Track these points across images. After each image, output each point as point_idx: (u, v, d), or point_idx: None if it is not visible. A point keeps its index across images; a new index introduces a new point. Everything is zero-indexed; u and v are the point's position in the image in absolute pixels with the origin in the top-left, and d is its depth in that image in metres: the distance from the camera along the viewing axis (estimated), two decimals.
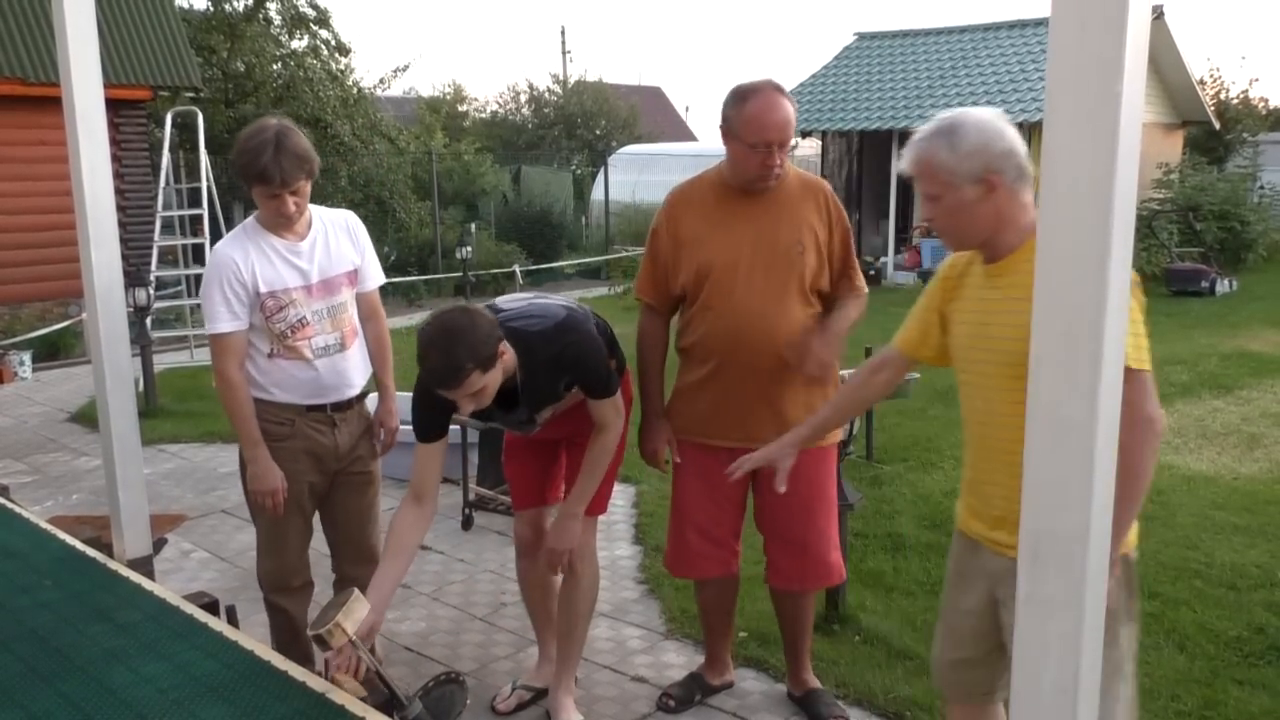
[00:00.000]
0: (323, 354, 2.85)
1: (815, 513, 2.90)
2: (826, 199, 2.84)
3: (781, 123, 2.66)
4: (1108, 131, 1.08)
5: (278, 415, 2.85)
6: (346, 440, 2.96)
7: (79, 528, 3.25)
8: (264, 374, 2.83)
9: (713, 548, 2.95)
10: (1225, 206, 14.18)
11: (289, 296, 2.79)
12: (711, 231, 2.80)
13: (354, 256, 2.95)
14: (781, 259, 2.75)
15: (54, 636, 2.26)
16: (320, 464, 2.93)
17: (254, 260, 2.76)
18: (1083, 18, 1.08)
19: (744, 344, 2.75)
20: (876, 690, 3.19)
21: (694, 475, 2.93)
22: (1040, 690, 1.22)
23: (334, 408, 2.91)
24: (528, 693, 3.18)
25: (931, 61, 16.94)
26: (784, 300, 2.75)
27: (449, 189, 16.92)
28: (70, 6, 2.56)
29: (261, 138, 2.65)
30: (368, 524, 3.10)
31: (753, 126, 2.66)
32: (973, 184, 1.94)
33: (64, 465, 6.04)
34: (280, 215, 2.74)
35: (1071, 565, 1.17)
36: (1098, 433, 1.13)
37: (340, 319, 2.90)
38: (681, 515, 2.98)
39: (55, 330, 9.40)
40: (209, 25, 16.45)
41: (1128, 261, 1.14)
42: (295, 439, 2.87)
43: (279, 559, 2.99)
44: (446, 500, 5.09)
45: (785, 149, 2.70)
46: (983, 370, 2.03)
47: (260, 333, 2.81)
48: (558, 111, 25.75)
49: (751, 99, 2.68)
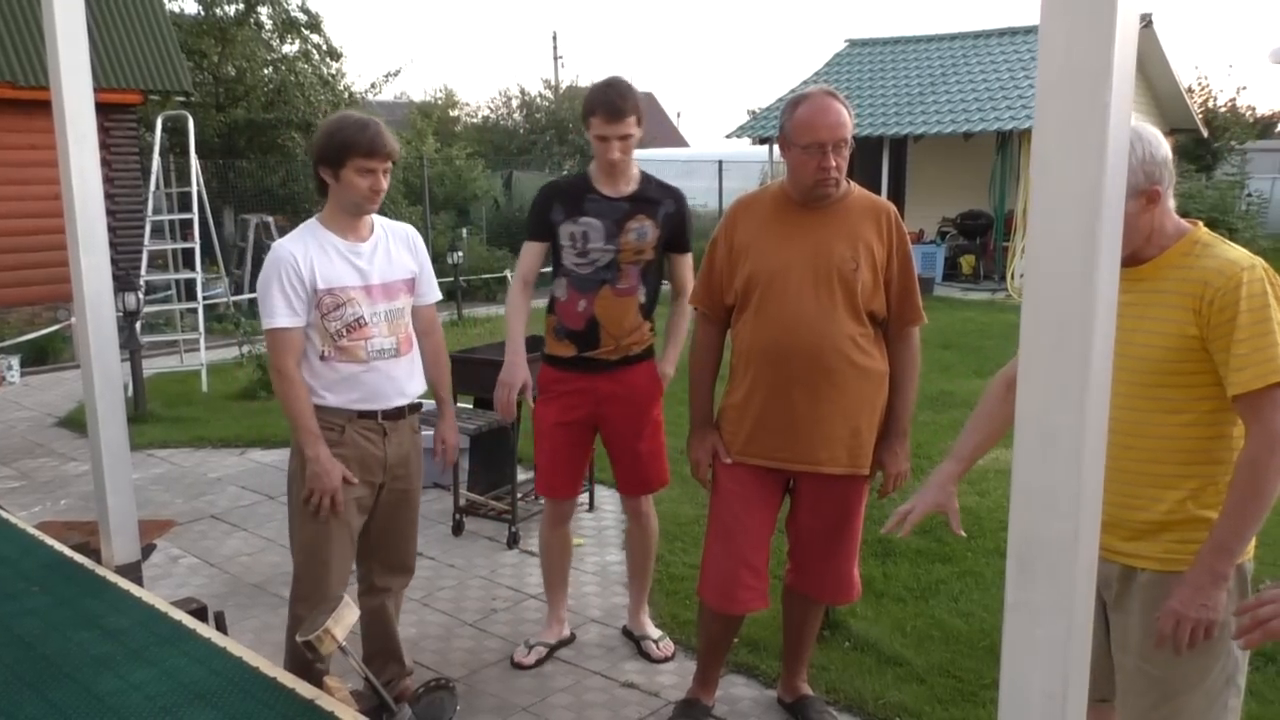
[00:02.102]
0: (378, 356, 2.81)
1: (845, 537, 2.92)
2: (889, 221, 2.78)
3: (834, 123, 2.64)
4: (1096, 140, 1.09)
5: (327, 421, 2.78)
6: (395, 452, 2.89)
7: (67, 533, 3.23)
8: (316, 376, 2.78)
9: (755, 579, 2.87)
10: (1214, 214, 14.30)
11: (346, 295, 2.76)
12: (766, 240, 2.77)
13: (412, 266, 2.93)
14: (835, 273, 2.70)
15: (41, 643, 2.24)
16: (368, 474, 2.85)
17: (313, 256, 2.74)
18: (1071, 27, 1.09)
19: (790, 354, 2.71)
20: (867, 696, 3.20)
21: (736, 497, 2.86)
22: (1028, 697, 1.22)
23: (385, 415, 2.85)
24: (544, 649, 3.52)
25: (922, 68, 17.00)
26: (833, 314, 2.69)
27: (440, 194, 16.90)
28: (60, 10, 2.55)
29: (359, 117, 2.75)
30: (406, 541, 3.04)
31: (804, 128, 2.66)
32: (1136, 196, 1.87)
33: (52, 470, 6.01)
34: (373, 191, 2.75)
35: (1059, 572, 1.17)
36: (1085, 440, 1.14)
37: (397, 324, 2.86)
38: (725, 543, 2.88)
39: (44, 335, 9.36)
40: (200, 29, 16.44)
41: (1115, 271, 1.15)
42: (344, 446, 2.80)
43: (319, 577, 2.83)
44: (437, 506, 5.09)
45: (841, 153, 2.66)
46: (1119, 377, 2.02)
47: (315, 332, 2.77)
48: (549, 116, 25.73)
49: (804, 104, 2.69)
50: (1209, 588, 1.83)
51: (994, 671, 1.26)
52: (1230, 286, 1.84)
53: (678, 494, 4.87)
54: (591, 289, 3.21)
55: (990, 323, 10.87)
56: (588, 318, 3.22)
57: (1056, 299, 1.13)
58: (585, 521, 4.92)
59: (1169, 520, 1.95)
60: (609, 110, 3.08)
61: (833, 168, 2.66)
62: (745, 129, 17.81)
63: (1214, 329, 1.85)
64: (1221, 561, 1.83)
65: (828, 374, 2.70)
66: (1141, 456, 1.94)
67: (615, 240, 3.19)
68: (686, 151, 25.24)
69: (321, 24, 18.31)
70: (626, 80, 3.13)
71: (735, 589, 2.86)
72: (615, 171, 3.19)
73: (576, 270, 3.22)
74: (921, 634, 3.62)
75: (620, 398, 3.27)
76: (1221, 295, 1.84)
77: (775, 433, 2.79)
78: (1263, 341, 1.80)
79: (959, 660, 3.41)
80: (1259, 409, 1.81)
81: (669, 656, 3.49)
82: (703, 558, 2.97)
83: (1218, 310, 1.84)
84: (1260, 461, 1.79)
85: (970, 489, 5.24)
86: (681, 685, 3.29)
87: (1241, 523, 1.82)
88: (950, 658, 3.44)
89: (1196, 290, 1.87)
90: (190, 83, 11.98)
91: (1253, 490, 1.80)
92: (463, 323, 11.42)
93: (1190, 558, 1.91)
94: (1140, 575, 1.99)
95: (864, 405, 2.77)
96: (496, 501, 4.95)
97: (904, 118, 15.71)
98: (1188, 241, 1.94)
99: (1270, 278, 1.87)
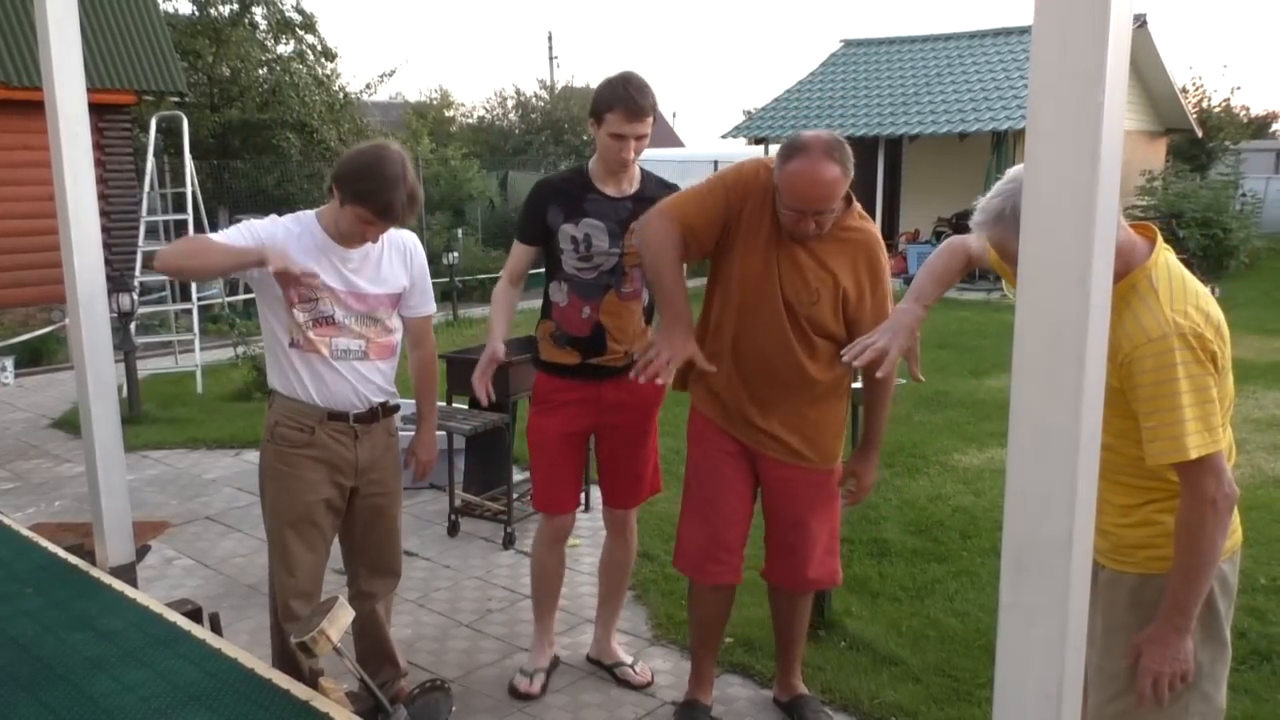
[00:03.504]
0: (343, 356, 2.78)
1: (806, 525, 2.91)
2: (870, 258, 2.72)
3: (821, 196, 2.53)
4: (1089, 141, 1.09)
5: (297, 420, 2.77)
6: (368, 455, 2.86)
7: (61, 535, 3.23)
8: (286, 364, 2.76)
9: (727, 554, 2.90)
10: (1208, 213, 14.31)
11: (322, 292, 2.73)
12: (755, 243, 2.71)
13: (403, 280, 2.87)
14: (796, 292, 2.70)
15: (35, 645, 2.24)
16: (338, 476, 2.83)
17: (299, 248, 2.68)
18: (1064, 28, 1.09)
19: (752, 374, 2.77)
20: (862, 696, 3.20)
21: (709, 473, 2.90)
22: (1024, 697, 1.22)
23: (357, 419, 2.82)
24: (543, 674, 3.33)
25: (917, 69, 17.04)
26: (793, 341, 2.72)
27: (435, 194, 16.89)
28: (53, 10, 2.55)
29: (393, 170, 2.61)
30: (390, 546, 3.01)
31: (790, 193, 2.56)
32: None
33: (46, 472, 5.99)
34: (364, 239, 2.73)
35: (1055, 572, 1.17)
36: (1081, 441, 1.14)
37: (369, 330, 2.81)
38: (699, 517, 2.92)
39: (38, 336, 9.33)
40: (194, 30, 16.42)
41: (1109, 270, 1.15)
42: (314, 447, 2.78)
43: (284, 572, 2.83)
44: (432, 506, 5.08)
45: (824, 217, 2.59)
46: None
47: (285, 318, 2.73)
48: (545, 117, 25.71)
49: (797, 159, 2.54)
50: (1176, 642, 1.90)
51: (989, 671, 1.26)
52: (1136, 356, 1.82)
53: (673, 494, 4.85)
54: (596, 295, 3.05)
55: (986, 322, 10.89)
56: (593, 324, 3.06)
57: (1050, 300, 1.14)
58: (581, 521, 4.92)
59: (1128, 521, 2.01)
60: (629, 108, 2.88)
61: (812, 230, 2.60)
62: (741, 129, 17.85)
63: (1129, 391, 1.86)
64: (1182, 618, 1.90)
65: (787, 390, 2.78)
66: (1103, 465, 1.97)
67: (620, 242, 3.02)
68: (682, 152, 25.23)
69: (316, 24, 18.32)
70: (642, 76, 2.96)
71: (706, 561, 2.91)
72: (621, 170, 3.04)
73: (579, 275, 3.04)
74: (917, 633, 3.63)
75: (627, 405, 3.13)
76: (1130, 363, 1.83)
77: (739, 424, 2.86)
78: (1168, 418, 1.79)
79: (954, 660, 3.42)
80: (1185, 474, 1.85)
81: (649, 681, 3.34)
82: (677, 531, 3.01)
83: (1126, 376, 1.84)
84: (1193, 525, 1.85)
85: (966, 489, 5.26)
86: (676, 685, 3.29)
87: (1189, 582, 1.88)
88: (946, 657, 3.44)
89: (1114, 345, 1.81)
90: (185, 83, 11.96)
91: (1194, 552, 1.85)
92: (458, 323, 11.41)
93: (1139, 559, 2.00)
94: (1102, 573, 2.06)
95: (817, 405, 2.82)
96: (492, 502, 4.95)
97: (899, 118, 15.74)
98: (1125, 285, 1.87)
99: (1186, 344, 1.81)
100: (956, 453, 5.91)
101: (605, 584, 3.45)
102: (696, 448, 2.95)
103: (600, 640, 3.48)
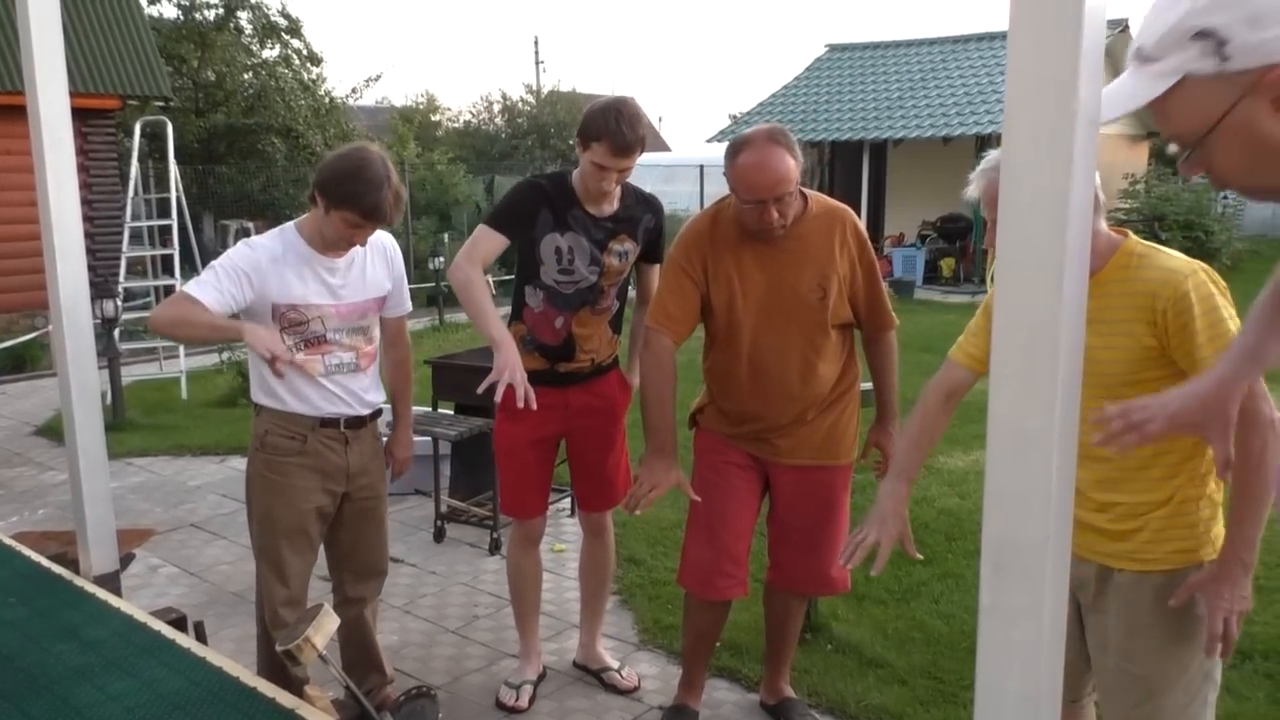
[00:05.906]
0: (336, 371, 2.79)
1: (827, 527, 2.91)
2: (850, 232, 2.74)
3: (773, 182, 2.54)
4: (1064, 147, 1.10)
5: (289, 429, 2.77)
6: (358, 460, 2.87)
7: (44, 543, 3.20)
8: (275, 382, 2.74)
9: (735, 568, 2.88)
10: (1190, 216, 14.42)
11: (313, 312, 2.73)
12: (735, 271, 2.72)
13: (386, 282, 2.88)
14: (802, 304, 2.70)
15: (18, 655, 2.22)
16: (329, 483, 2.83)
17: (284, 270, 2.68)
18: (1038, 34, 1.11)
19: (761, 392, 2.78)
20: (848, 698, 3.21)
21: (716, 487, 2.88)
22: (1004, 698, 1.23)
23: (347, 424, 2.83)
24: (530, 686, 3.29)
25: (902, 73, 17.11)
26: (804, 348, 2.73)
27: (422, 199, 16.87)
28: (35, 13, 2.54)
29: (377, 171, 2.61)
30: (377, 546, 3.02)
31: (743, 185, 2.58)
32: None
33: (30, 480, 5.95)
34: (351, 243, 2.73)
35: (1032, 574, 1.18)
36: (1056, 444, 1.15)
37: (358, 340, 2.83)
38: (706, 532, 2.89)
39: (21, 342, 9.27)
40: (179, 34, 16.38)
41: (1084, 275, 1.16)
42: (306, 455, 2.78)
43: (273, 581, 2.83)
44: (418, 512, 5.07)
45: (784, 202, 2.58)
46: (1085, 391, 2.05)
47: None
48: (531, 121, 25.71)
49: (744, 152, 2.57)
50: (1243, 579, 1.90)
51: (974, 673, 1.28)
52: (1179, 295, 1.88)
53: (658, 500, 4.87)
54: (571, 308, 3.04)
55: None
56: (565, 335, 3.07)
57: (1026, 304, 1.15)
58: (567, 526, 4.92)
59: (1146, 521, 1.99)
60: (616, 145, 2.79)
61: (775, 220, 2.59)
62: (727, 133, 17.88)
63: (1173, 336, 1.89)
64: (1249, 552, 1.89)
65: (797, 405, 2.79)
66: (1116, 460, 1.96)
67: (600, 263, 3.01)
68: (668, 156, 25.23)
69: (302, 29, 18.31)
70: (636, 105, 2.86)
71: (715, 577, 2.89)
72: (601, 198, 2.99)
73: (558, 288, 3.02)
74: (903, 636, 3.64)
75: (595, 409, 3.15)
76: (1173, 304, 1.89)
77: (751, 441, 2.86)
78: (1223, 341, 1.84)
79: (940, 661, 3.43)
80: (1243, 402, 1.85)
81: (636, 686, 3.34)
82: (683, 546, 2.99)
83: (1173, 318, 1.89)
84: (1256, 450, 1.85)
85: (951, 491, 5.28)
86: (663, 690, 3.30)
87: (1257, 512, 1.87)
88: (931, 659, 3.46)
89: (1146, 303, 1.91)
90: (169, 88, 11.92)
91: (1259, 482, 1.85)
92: (444, 328, 11.40)
93: (1164, 555, 1.97)
94: (1117, 575, 2.03)
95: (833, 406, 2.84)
96: (478, 508, 4.94)
97: (884, 122, 15.81)
98: (1123, 254, 1.98)
99: (1212, 277, 1.92)
100: (942, 455, 5.93)
101: (586, 587, 3.46)
102: (704, 461, 2.93)
103: (586, 645, 3.48)
